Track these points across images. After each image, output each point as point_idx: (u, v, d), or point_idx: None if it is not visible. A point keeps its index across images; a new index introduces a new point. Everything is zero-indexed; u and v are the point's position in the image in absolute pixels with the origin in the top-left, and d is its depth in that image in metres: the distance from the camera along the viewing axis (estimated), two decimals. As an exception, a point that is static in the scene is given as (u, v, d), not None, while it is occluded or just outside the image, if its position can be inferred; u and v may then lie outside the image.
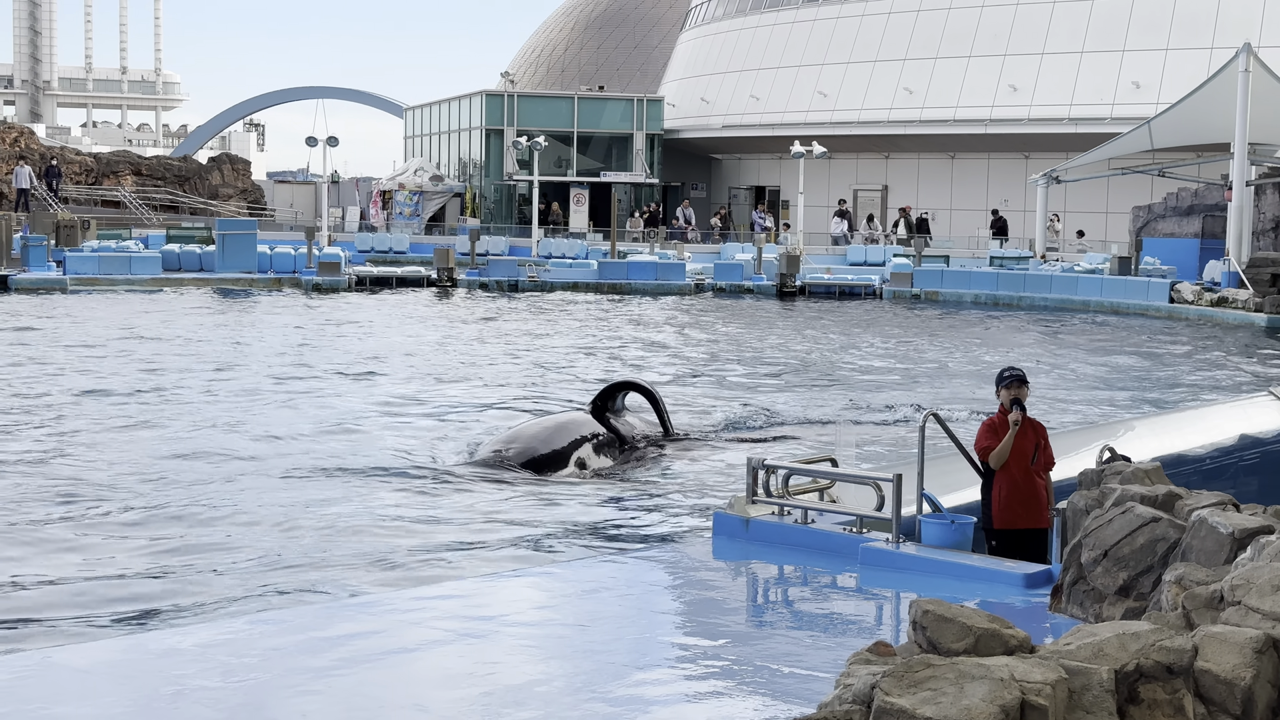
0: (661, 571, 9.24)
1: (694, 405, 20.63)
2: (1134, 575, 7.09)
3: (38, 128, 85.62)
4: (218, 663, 6.83)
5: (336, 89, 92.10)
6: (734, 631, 7.75)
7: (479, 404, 20.42)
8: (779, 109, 60.12)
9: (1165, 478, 8.08)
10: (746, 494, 9.65)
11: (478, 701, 6.28)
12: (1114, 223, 50.89)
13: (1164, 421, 14.91)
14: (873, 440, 17.70)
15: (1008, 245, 49.70)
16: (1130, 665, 4.54)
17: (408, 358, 25.78)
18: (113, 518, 12.76)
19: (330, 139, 52.14)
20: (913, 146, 57.21)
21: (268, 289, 40.76)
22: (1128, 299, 38.27)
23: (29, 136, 63.68)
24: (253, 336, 28.69)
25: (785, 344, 29.74)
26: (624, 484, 14.79)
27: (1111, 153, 44.31)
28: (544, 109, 63.56)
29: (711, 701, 6.47)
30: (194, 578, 10.70)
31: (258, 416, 18.60)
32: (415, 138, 72.41)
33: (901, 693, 4.12)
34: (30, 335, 27.62)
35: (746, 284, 43.47)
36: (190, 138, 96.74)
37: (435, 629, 7.53)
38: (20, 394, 20.12)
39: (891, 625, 8.03)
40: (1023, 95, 52.42)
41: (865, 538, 9.09)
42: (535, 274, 43.62)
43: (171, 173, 64.51)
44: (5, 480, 14.20)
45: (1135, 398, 22.42)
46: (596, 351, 27.54)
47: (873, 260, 48.77)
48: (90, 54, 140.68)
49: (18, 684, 6.64)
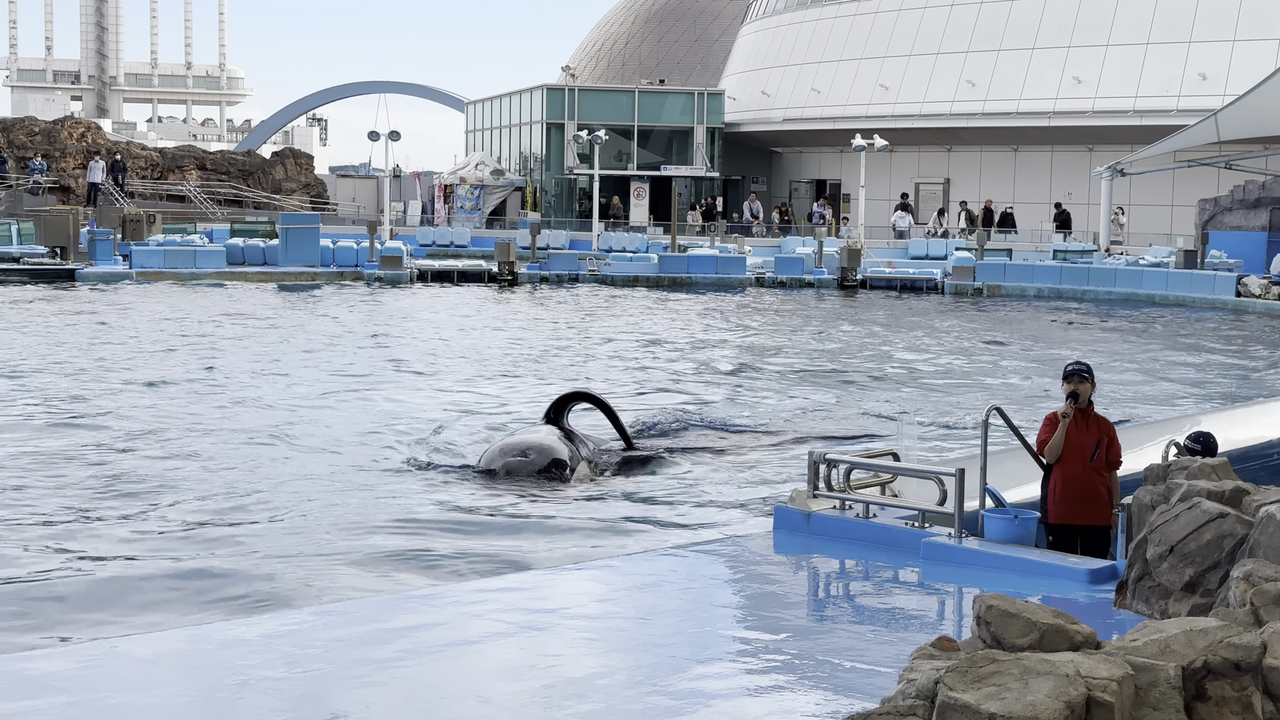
0: (722, 565, 9.23)
1: (744, 399, 20.59)
2: (1200, 571, 7.02)
3: (104, 123, 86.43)
4: (282, 653, 6.88)
5: (398, 83, 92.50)
6: (795, 626, 7.72)
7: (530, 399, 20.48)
8: (840, 102, 59.87)
9: (1232, 473, 7.99)
10: (808, 488, 9.62)
11: (539, 694, 6.29)
12: (1180, 216, 50.35)
13: (1231, 416, 14.75)
14: (935, 435, 17.60)
15: (1070, 238, 49.28)
16: (1198, 662, 4.49)
17: (467, 352, 25.87)
18: (177, 509, 12.87)
19: (392, 133, 52.40)
20: (975, 139, 56.81)
21: (330, 283, 41.02)
22: (1193, 292, 37.88)
23: (96, 131, 64.33)
24: (315, 330, 28.87)
25: (842, 336, 29.64)
26: (679, 480, 14.77)
27: (1177, 145, 43.83)
28: (605, 103, 63.58)
29: (773, 695, 6.45)
30: (259, 569, 10.78)
31: (324, 411, 18.72)
32: (476, 132, 72.63)
33: (966, 688, 4.09)
34: (97, 327, 27.91)
35: (807, 278, 43.33)
36: (254, 133, 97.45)
37: (497, 621, 7.55)
38: (88, 385, 20.34)
39: (954, 620, 7.98)
40: (1087, 87, 51.95)
41: (927, 532, 9.05)
42: (596, 268, 43.68)
43: (235, 167, 65.01)
44: (74, 471, 14.36)
45: (1201, 392, 22.19)
46: (617, 349, 27.55)
47: (934, 254, 48.49)
48: (156, 50, 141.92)
49: (85, 673, 6.72)
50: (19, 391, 19.78)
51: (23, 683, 6.44)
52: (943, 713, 4.05)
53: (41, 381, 20.67)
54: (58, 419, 17.54)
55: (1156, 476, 8.11)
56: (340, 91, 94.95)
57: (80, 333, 27.05)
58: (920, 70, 57.26)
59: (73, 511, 12.67)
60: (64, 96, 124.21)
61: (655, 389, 21.61)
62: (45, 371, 21.70)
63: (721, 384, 22.30)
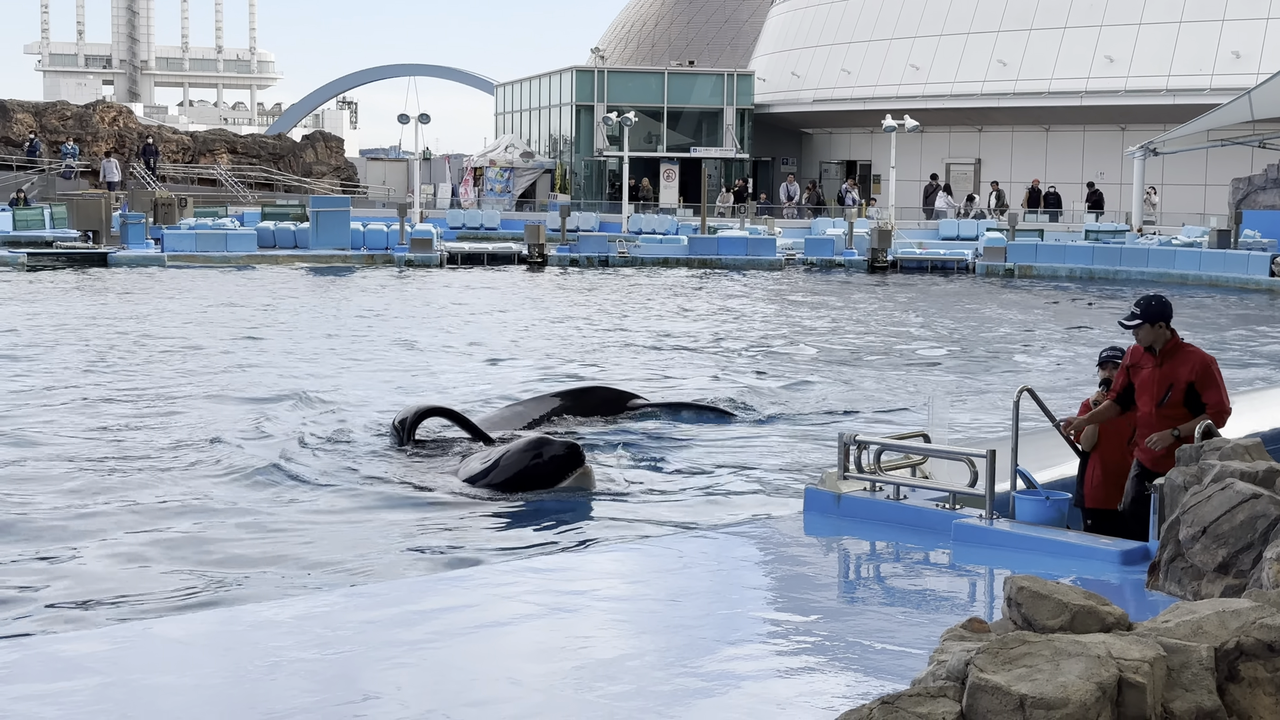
0: (752, 547, 9.22)
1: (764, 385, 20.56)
2: (1233, 552, 6.98)
3: (135, 107, 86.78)
4: (313, 635, 6.90)
5: (428, 66, 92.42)
6: (825, 607, 7.71)
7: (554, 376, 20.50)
8: (870, 82, 59.65)
9: (1266, 454, 7.94)
10: (838, 469, 9.60)
11: (570, 675, 6.30)
12: (1213, 195, 50.03)
13: (1264, 397, 14.65)
14: (966, 416, 17.55)
15: (1102, 219, 48.99)
16: (1230, 643, 4.47)
17: (501, 334, 25.93)
18: (210, 491, 12.93)
19: (422, 116, 52.43)
20: (1006, 119, 56.53)
21: (361, 265, 41.12)
22: (1227, 273, 37.63)
23: (127, 116, 64.60)
24: (349, 312, 28.95)
25: (872, 318, 29.57)
26: (708, 462, 14.76)
27: (1210, 124, 43.54)
28: (634, 84, 63.48)
29: (803, 677, 6.45)
30: (289, 551, 10.82)
31: (352, 391, 18.77)
32: (506, 114, 72.63)
33: (996, 669, 4.08)
34: (131, 310, 28.05)
35: (838, 259, 43.22)
36: (284, 116, 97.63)
37: (527, 603, 7.56)
38: (120, 368, 20.45)
39: (985, 602, 7.96)
40: (1119, 66, 51.62)
41: (958, 514, 9.02)
42: (626, 250, 43.66)
43: (266, 151, 65.19)
44: (106, 452, 14.44)
45: (1235, 373, 22.06)
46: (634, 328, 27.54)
47: (965, 235, 48.30)
48: (186, 34, 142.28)
49: (119, 654, 6.76)
50: (59, 368, 19.90)
51: (57, 664, 6.49)
52: (973, 694, 4.04)
53: (77, 358, 20.79)
54: (90, 398, 17.64)
55: (1189, 457, 8.06)
56: (370, 74, 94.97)
57: (119, 309, 27.18)
58: (951, 50, 56.99)
59: (103, 492, 12.74)
60: (95, 81, 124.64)
61: (682, 370, 21.60)
62: (84, 349, 21.83)
63: (750, 365, 22.28)
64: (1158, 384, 8.70)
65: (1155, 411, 8.69)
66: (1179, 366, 8.68)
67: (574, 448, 13.08)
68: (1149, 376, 8.74)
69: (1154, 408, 8.70)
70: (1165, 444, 8.54)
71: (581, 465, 12.90)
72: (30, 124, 60.43)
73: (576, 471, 12.86)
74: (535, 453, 13.04)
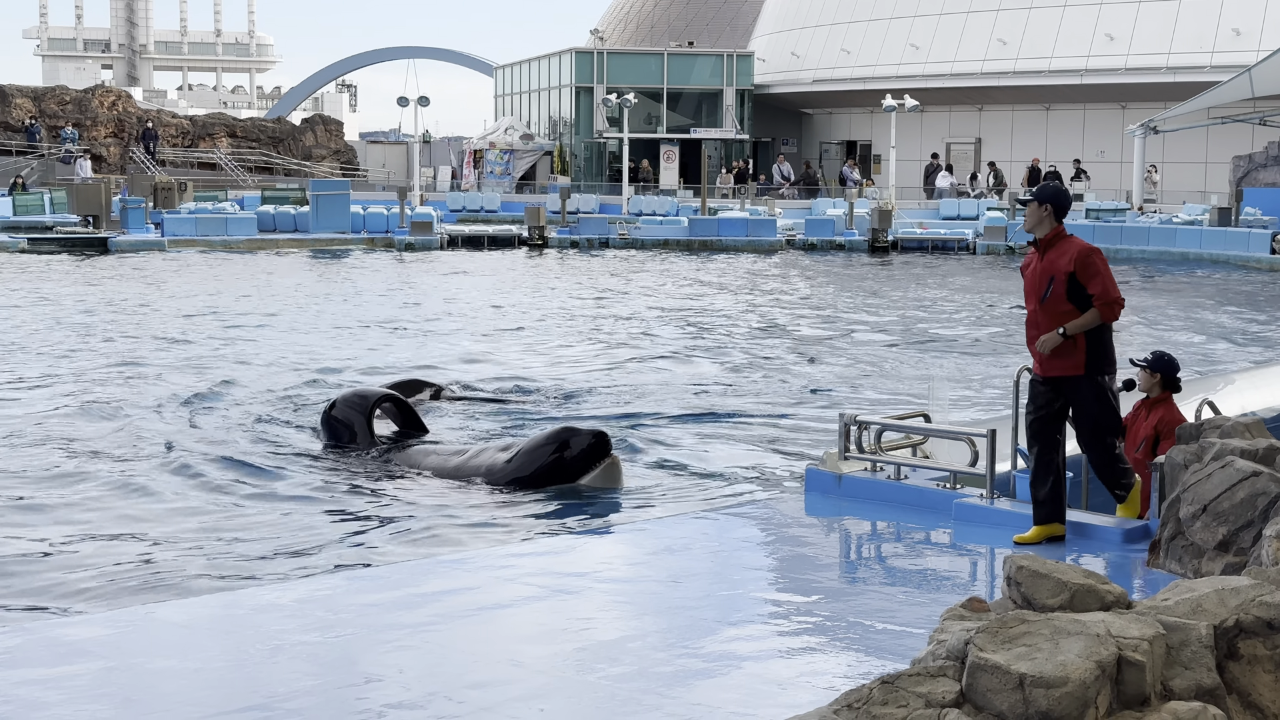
0: (753, 528, 9.23)
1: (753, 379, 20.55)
2: (1233, 530, 6.99)
3: (135, 91, 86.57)
4: (314, 618, 6.92)
5: (427, 49, 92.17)
6: (826, 587, 7.73)
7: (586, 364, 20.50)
8: (870, 62, 59.51)
9: (1266, 432, 7.95)
10: (839, 450, 9.61)
11: (571, 656, 6.32)
12: (1214, 173, 49.96)
13: (1265, 375, 14.65)
14: (967, 396, 17.55)
15: (1093, 192, 48.87)
16: (1230, 621, 4.47)
17: (505, 314, 25.93)
18: (211, 474, 12.93)
19: (421, 99, 52.35)
20: (1006, 98, 56.43)
21: (361, 249, 41.09)
22: (1227, 250, 37.61)
23: (126, 100, 64.51)
24: (351, 291, 28.96)
25: (874, 298, 29.57)
26: (708, 444, 14.76)
27: (1211, 101, 43.46)
28: (633, 66, 63.34)
29: (804, 657, 6.47)
30: (289, 536, 10.83)
31: (356, 374, 18.77)
32: (505, 96, 72.50)
33: (996, 648, 4.08)
34: (128, 294, 28.05)
35: (838, 239, 43.19)
36: (284, 100, 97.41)
37: (528, 585, 7.58)
38: (118, 352, 20.45)
39: (986, 581, 7.98)
40: (1119, 44, 51.50)
41: (959, 493, 9.04)
42: (626, 231, 43.64)
43: (266, 134, 65.11)
44: (107, 436, 14.44)
45: (1235, 351, 22.05)
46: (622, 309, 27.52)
47: (966, 214, 48.25)
48: (185, 17, 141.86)
49: (121, 638, 6.78)
50: (55, 350, 19.91)
51: (59, 648, 6.50)
52: (973, 673, 4.04)
53: (75, 341, 20.80)
54: (91, 380, 17.65)
55: (1189, 436, 8.06)
56: (369, 57, 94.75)
57: (128, 291, 27.19)
58: (951, 29, 56.85)
59: (103, 476, 12.74)
60: (94, 65, 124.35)
61: (681, 353, 21.59)
62: (90, 334, 21.84)
63: (750, 347, 22.27)
64: (1039, 277, 8.11)
65: (1039, 309, 8.10)
66: (1058, 258, 8.04)
67: (600, 435, 12.16)
68: (1032, 272, 8.19)
69: (1038, 304, 8.10)
70: (1053, 345, 8.03)
71: (608, 456, 12.07)
72: (29, 109, 60.38)
73: (604, 463, 12.03)
74: (558, 443, 12.14)
